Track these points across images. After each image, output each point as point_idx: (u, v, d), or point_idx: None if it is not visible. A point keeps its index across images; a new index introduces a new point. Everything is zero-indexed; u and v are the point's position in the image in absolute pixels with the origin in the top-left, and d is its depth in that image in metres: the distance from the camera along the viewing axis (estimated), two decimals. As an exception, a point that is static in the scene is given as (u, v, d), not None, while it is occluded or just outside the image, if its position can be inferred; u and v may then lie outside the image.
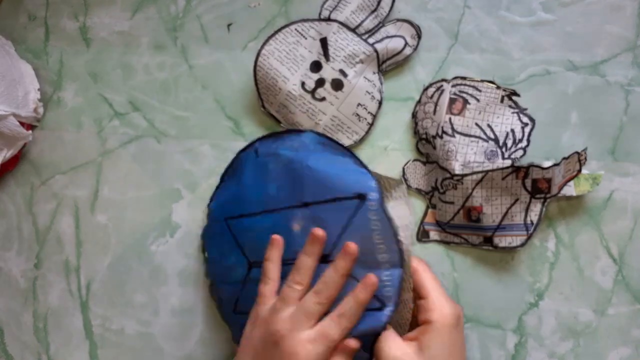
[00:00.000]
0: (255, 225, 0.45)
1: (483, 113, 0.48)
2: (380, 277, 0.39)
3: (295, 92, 0.51)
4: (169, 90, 0.56)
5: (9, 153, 0.54)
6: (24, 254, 0.56)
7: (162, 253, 0.54)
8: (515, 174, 0.46)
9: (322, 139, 0.46)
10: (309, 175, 0.43)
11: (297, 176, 0.44)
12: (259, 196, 0.46)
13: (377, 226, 0.40)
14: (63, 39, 0.59)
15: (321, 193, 0.42)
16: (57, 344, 0.54)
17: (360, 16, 0.52)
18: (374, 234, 0.40)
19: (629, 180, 0.49)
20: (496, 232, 0.47)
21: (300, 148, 0.46)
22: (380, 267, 0.40)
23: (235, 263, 0.46)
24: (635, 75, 0.51)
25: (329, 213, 0.42)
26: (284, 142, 0.47)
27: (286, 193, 0.44)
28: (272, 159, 0.46)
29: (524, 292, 0.49)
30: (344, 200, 0.41)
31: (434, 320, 0.38)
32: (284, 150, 0.46)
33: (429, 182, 0.51)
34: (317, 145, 0.46)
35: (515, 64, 0.52)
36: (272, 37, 0.51)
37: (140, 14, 0.58)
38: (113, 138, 0.56)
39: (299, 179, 0.43)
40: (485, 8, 0.53)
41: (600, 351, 0.47)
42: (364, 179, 0.42)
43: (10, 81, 0.53)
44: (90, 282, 0.54)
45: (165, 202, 0.54)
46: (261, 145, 0.48)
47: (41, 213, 0.56)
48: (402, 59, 0.52)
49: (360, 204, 0.41)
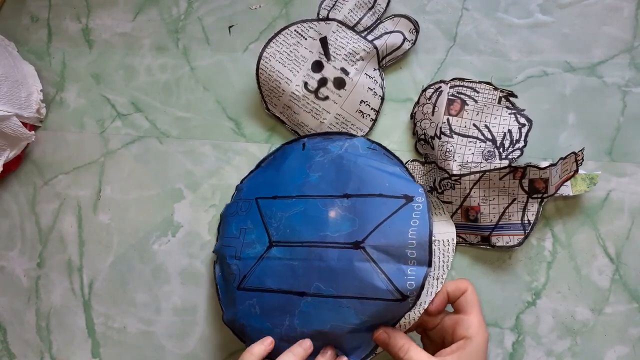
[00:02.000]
0: (287, 207, 0.46)
1: (481, 114, 0.49)
2: (405, 272, 0.40)
3: (298, 92, 0.51)
4: (171, 91, 0.57)
5: (12, 153, 0.54)
6: (26, 253, 0.56)
7: (164, 252, 0.54)
8: (513, 174, 0.47)
9: (373, 145, 0.48)
10: (356, 171, 0.45)
11: (344, 170, 0.45)
12: (298, 182, 0.47)
13: (415, 224, 0.41)
14: (65, 41, 0.59)
15: (366, 188, 0.44)
16: (59, 342, 0.54)
17: (358, 14, 0.52)
18: (410, 229, 0.41)
19: (626, 180, 0.50)
20: (494, 232, 0.48)
21: (350, 148, 0.47)
22: (408, 263, 0.40)
23: (255, 240, 0.47)
24: (632, 77, 0.51)
25: (370, 206, 0.43)
26: (333, 142, 0.49)
27: (328, 183, 0.45)
28: (320, 152, 0.48)
29: (522, 291, 0.49)
30: (390, 198, 0.42)
31: (473, 338, 0.39)
32: (334, 147, 0.48)
33: (428, 182, 0.51)
34: (367, 150, 0.48)
35: (513, 66, 0.52)
36: (273, 39, 0.52)
37: (142, 15, 0.58)
38: (115, 138, 0.57)
39: (346, 173, 0.45)
40: (483, 10, 0.54)
41: (597, 350, 0.48)
42: (412, 185, 0.43)
43: (13, 82, 0.54)
44: (92, 281, 0.55)
45: (167, 202, 0.55)
46: (309, 141, 0.50)
47: (44, 213, 0.56)
48: (402, 53, 0.53)
49: (406, 203, 0.42)
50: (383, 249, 0.41)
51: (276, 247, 0.45)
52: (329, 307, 0.41)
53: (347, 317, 0.41)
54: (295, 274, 0.43)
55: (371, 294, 0.40)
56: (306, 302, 0.42)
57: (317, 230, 0.43)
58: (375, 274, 0.40)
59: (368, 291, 0.40)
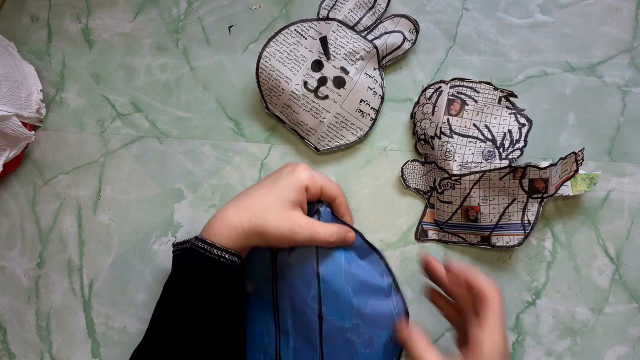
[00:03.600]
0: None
1: (481, 114, 0.49)
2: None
3: (298, 91, 0.51)
4: (171, 91, 0.57)
5: (12, 153, 0.54)
6: (27, 253, 0.56)
7: (164, 252, 0.54)
8: (513, 174, 0.47)
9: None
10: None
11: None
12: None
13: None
14: (65, 41, 0.59)
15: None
16: (59, 342, 0.54)
17: (358, 14, 0.52)
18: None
19: (626, 180, 0.50)
20: (494, 232, 0.48)
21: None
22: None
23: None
24: (632, 77, 0.51)
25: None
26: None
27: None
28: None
29: (522, 291, 0.49)
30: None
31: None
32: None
33: (428, 182, 0.51)
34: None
35: (513, 66, 0.52)
36: (273, 39, 0.52)
37: (142, 15, 0.58)
38: (115, 138, 0.57)
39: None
40: (483, 10, 0.54)
41: (597, 349, 0.48)
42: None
43: (13, 82, 0.54)
44: (92, 281, 0.55)
45: (167, 202, 0.55)
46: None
47: (44, 213, 0.56)
48: (402, 53, 0.53)
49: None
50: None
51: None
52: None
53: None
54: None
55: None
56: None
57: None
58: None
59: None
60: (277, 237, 0.41)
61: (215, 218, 0.42)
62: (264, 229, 0.40)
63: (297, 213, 0.42)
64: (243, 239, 0.41)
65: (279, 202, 0.41)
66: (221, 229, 0.41)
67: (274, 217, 0.41)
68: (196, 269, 0.41)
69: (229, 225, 0.41)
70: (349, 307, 0.42)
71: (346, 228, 0.44)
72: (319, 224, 0.42)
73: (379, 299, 0.43)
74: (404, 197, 0.52)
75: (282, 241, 0.41)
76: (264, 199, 0.42)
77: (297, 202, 0.42)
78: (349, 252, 0.44)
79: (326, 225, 0.42)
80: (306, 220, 0.42)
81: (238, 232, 0.41)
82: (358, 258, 0.44)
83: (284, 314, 0.44)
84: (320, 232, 0.41)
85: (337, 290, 0.42)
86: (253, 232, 0.41)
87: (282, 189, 0.42)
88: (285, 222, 0.41)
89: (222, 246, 0.40)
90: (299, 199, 0.42)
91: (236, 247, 0.41)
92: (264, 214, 0.41)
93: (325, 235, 0.42)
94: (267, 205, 0.41)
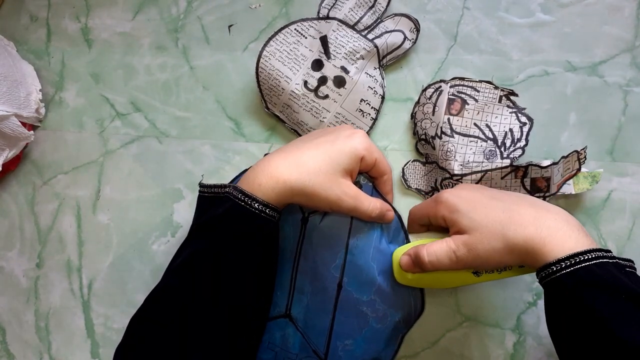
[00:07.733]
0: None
1: (481, 113, 0.49)
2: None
3: (298, 91, 0.51)
4: (170, 91, 0.56)
5: (11, 153, 0.54)
6: (26, 253, 0.56)
7: (163, 252, 0.54)
8: (514, 173, 0.47)
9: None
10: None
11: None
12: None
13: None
14: (65, 40, 0.59)
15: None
16: (58, 343, 0.54)
17: (358, 13, 0.52)
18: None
19: (628, 180, 0.50)
20: (495, 232, 0.48)
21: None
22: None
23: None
24: (633, 76, 0.51)
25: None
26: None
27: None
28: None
29: (523, 291, 0.49)
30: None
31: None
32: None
33: (429, 182, 0.51)
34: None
35: (514, 65, 0.52)
36: (272, 38, 0.52)
37: (142, 15, 0.58)
38: (115, 138, 0.56)
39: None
40: (484, 9, 0.53)
41: (598, 350, 0.48)
42: None
43: (12, 82, 0.54)
44: (91, 281, 0.55)
45: (167, 202, 0.55)
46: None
47: (43, 213, 0.56)
48: (402, 52, 0.52)
49: None
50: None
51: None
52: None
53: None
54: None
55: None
56: None
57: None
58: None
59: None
60: (323, 201, 0.40)
61: (262, 168, 0.40)
62: (312, 191, 0.39)
63: (347, 181, 0.41)
64: (288, 195, 0.39)
65: (332, 166, 0.40)
66: (267, 181, 0.39)
67: (325, 180, 0.40)
68: (234, 223, 0.39)
69: (277, 178, 0.39)
70: (371, 283, 0.43)
71: (387, 206, 0.43)
72: (365, 197, 0.41)
73: (400, 284, 0.43)
74: (405, 197, 0.52)
75: (326, 206, 0.40)
76: (318, 158, 0.40)
77: (350, 170, 0.41)
78: (383, 231, 0.44)
79: (371, 199, 0.42)
80: (354, 190, 0.41)
81: (285, 188, 0.39)
82: (387, 239, 0.45)
83: (303, 274, 0.44)
84: (365, 204, 0.41)
85: (363, 264, 0.43)
86: (300, 191, 0.39)
87: (338, 153, 0.41)
88: (335, 189, 0.40)
89: (264, 200, 0.38)
90: (352, 167, 0.41)
91: (278, 202, 0.39)
92: (315, 176, 0.39)
93: (368, 209, 0.41)
94: (320, 166, 0.40)
